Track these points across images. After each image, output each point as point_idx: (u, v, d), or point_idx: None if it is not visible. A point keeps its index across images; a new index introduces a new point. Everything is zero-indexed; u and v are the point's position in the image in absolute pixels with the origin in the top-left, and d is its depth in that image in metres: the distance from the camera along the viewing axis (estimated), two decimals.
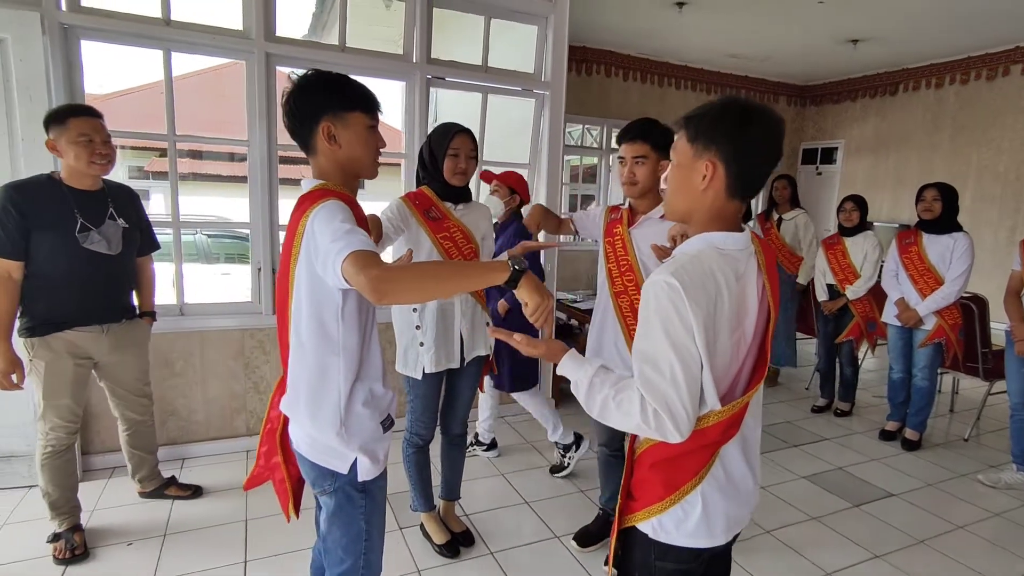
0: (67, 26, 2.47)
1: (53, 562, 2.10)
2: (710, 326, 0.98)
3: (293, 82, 1.24)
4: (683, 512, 1.06)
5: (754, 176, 1.04)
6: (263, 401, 3.04)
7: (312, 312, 1.21)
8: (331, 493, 1.28)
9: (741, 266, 1.05)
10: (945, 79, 6.66)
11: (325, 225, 1.12)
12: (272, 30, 2.84)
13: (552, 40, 3.41)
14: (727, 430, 1.05)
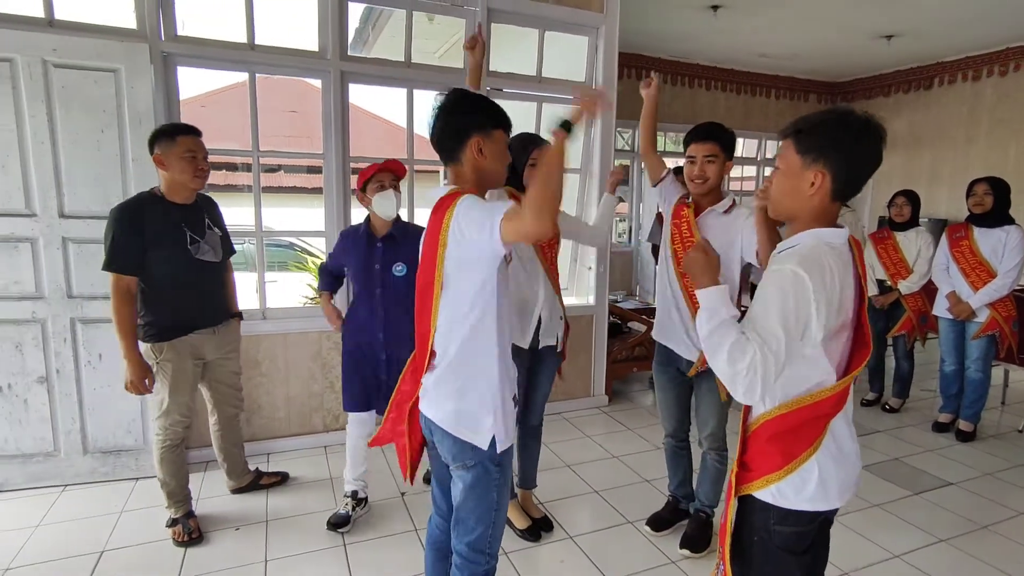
0: (167, 54, 2.69)
1: (173, 544, 2.31)
2: (831, 312, 1.12)
3: (444, 98, 1.42)
4: (801, 479, 1.19)
5: (859, 183, 1.18)
6: (337, 400, 3.23)
7: (465, 295, 1.35)
8: (471, 468, 1.42)
9: (845, 257, 1.19)
10: (983, 72, 6.64)
11: (473, 208, 1.29)
12: (346, 50, 3.03)
13: (603, 49, 3.56)
14: (838, 403, 1.20)
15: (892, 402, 3.89)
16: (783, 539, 1.23)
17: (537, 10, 3.34)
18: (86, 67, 2.48)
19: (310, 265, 5.77)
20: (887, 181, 7.86)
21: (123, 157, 2.58)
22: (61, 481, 2.69)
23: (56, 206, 2.52)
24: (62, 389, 2.64)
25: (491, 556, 1.49)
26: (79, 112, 2.50)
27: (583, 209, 3.84)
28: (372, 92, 4.26)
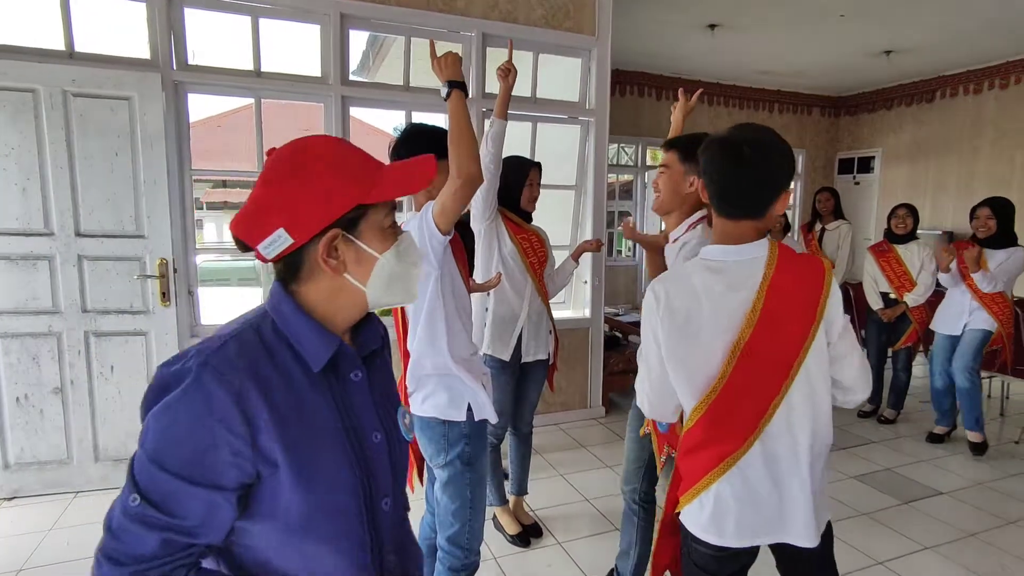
0: (178, 82, 2.85)
1: None
2: (675, 333, 1.15)
3: (403, 133, 1.59)
4: (698, 505, 1.19)
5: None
6: None
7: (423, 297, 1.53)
8: (445, 466, 1.55)
9: (733, 278, 1.14)
10: (984, 84, 6.67)
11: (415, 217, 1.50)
12: (347, 75, 3.18)
13: (596, 70, 3.68)
14: (723, 437, 1.13)
15: (887, 413, 3.90)
16: (699, 556, 1.23)
17: (531, 35, 3.48)
18: (102, 95, 2.65)
19: None
20: (891, 193, 7.87)
21: (135, 178, 2.73)
22: (74, 488, 2.81)
23: (72, 225, 2.68)
24: (76, 399, 2.77)
25: (469, 551, 1.58)
26: (95, 137, 2.66)
27: (578, 225, 3.94)
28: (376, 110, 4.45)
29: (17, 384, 2.69)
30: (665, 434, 1.82)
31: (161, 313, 2.83)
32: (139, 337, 2.83)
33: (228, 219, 10.03)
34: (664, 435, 1.82)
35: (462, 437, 1.57)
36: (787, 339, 1.12)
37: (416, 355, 1.57)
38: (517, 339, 2.35)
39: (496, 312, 2.32)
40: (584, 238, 3.86)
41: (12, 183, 2.59)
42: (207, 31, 3.76)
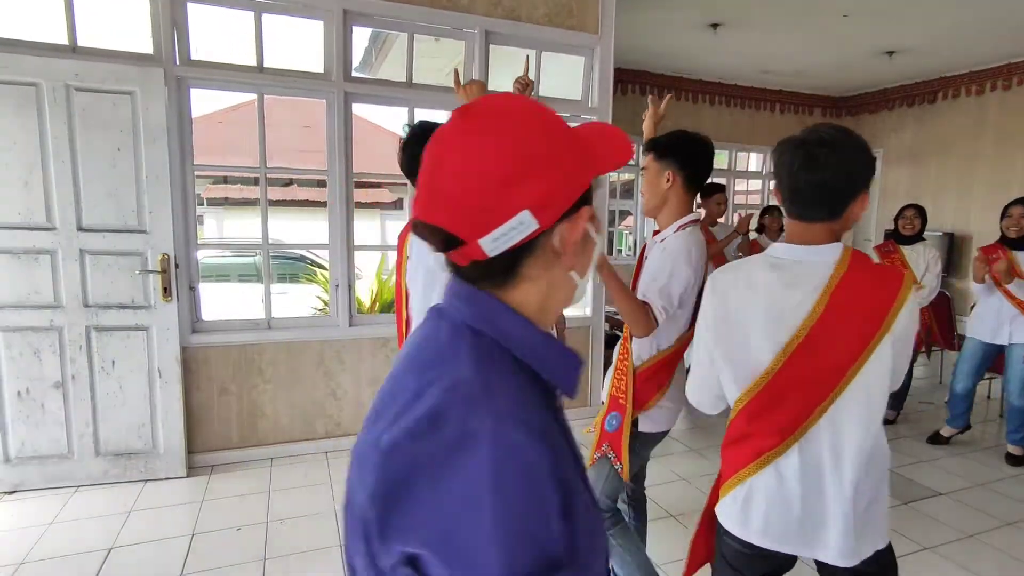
0: (180, 77, 2.85)
1: None
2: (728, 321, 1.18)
3: (414, 129, 1.53)
4: (733, 498, 1.20)
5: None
6: (340, 406, 3.34)
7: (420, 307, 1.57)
8: None
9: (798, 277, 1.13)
10: (986, 86, 6.66)
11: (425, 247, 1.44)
12: (350, 71, 3.18)
13: (598, 68, 3.68)
14: (763, 433, 1.14)
15: (888, 414, 3.90)
16: (728, 550, 1.25)
17: (534, 32, 3.47)
18: (105, 90, 2.65)
19: (319, 278, 5.91)
20: (892, 194, 7.87)
21: (137, 173, 2.73)
22: (74, 482, 2.82)
23: (74, 220, 2.67)
24: (77, 394, 2.77)
25: None
26: (97, 132, 2.66)
27: None
28: (381, 108, 4.46)
29: (18, 378, 2.70)
30: (610, 433, 1.74)
31: (163, 308, 2.83)
32: (140, 332, 2.83)
33: (230, 215, 9.93)
34: (608, 434, 1.75)
35: None
36: (846, 346, 1.09)
37: None
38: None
39: None
40: None
41: (14, 177, 2.59)
42: (210, 26, 3.75)
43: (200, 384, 3.05)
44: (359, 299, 4.94)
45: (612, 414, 1.74)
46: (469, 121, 0.55)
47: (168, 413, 2.90)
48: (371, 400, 2.83)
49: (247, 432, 3.18)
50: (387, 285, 5.63)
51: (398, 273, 1.62)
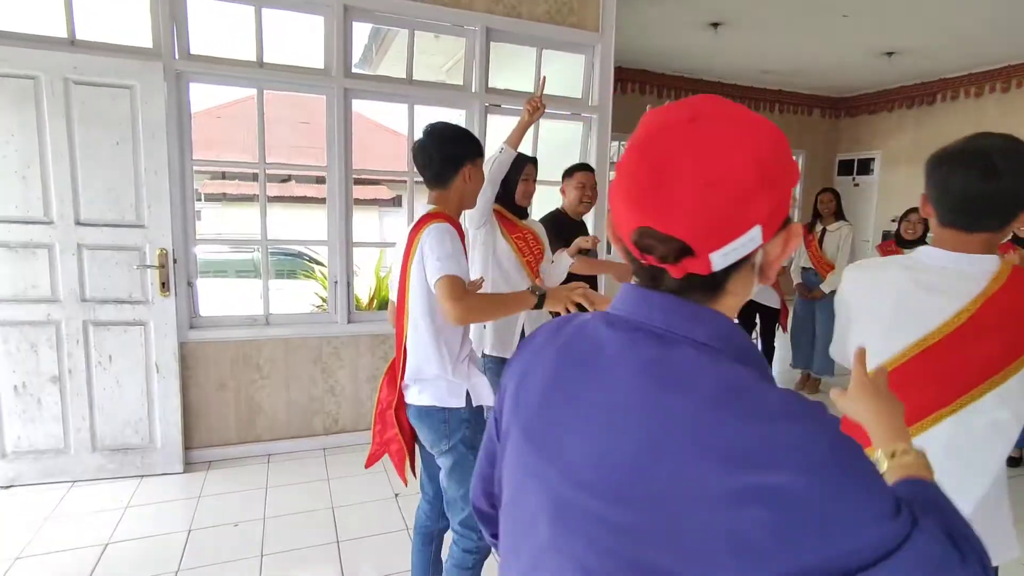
0: (180, 72, 2.84)
1: None
2: (855, 313, 1.22)
3: (436, 130, 1.62)
4: None
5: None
6: (338, 403, 3.33)
7: (422, 302, 1.58)
8: (448, 452, 1.61)
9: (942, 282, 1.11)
10: (985, 88, 6.68)
11: (436, 244, 1.51)
12: (350, 67, 3.17)
13: (599, 67, 3.67)
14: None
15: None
16: None
17: (534, 30, 3.47)
18: (104, 84, 2.63)
19: (317, 274, 5.91)
20: (890, 196, 7.89)
21: (136, 168, 2.72)
22: (71, 477, 2.81)
23: (72, 214, 2.66)
24: (73, 389, 2.76)
25: (478, 532, 1.63)
26: (95, 126, 2.65)
27: None
28: (382, 105, 4.48)
29: (15, 372, 2.69)
30: None
31: (160, 304, 2.83)
32: (138, 327, 2.82)
33: (228, 211, 9.88)
34: None
35: (462, 422, 1.61)
36: (984, 359, 1.04)
37: (420, 357, 1.61)
38: (519, 337, 2.35)
39: None
40: None
41: (12, 171, 2.58)
42: (210, 20, 3.73)
43: (198, 380, 3.05)
44: (357, 296, 4.93)
45: None
46: (704, 129, 0.53)
47: (165, 408, 2.89)
48: (370, 396, 2.83)
49: (245, 428, 3.17)
50: (385, 282, 5.63)
51: (404, 268, 1.61)
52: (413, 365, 1.63)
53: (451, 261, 1.49)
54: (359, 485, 2.90)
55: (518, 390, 0.65)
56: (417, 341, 1.61)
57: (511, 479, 0.64)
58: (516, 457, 0.63)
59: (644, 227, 0.54)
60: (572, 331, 0.63)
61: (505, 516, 0.66)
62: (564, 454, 0.56)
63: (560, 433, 0.58)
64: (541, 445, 0.59)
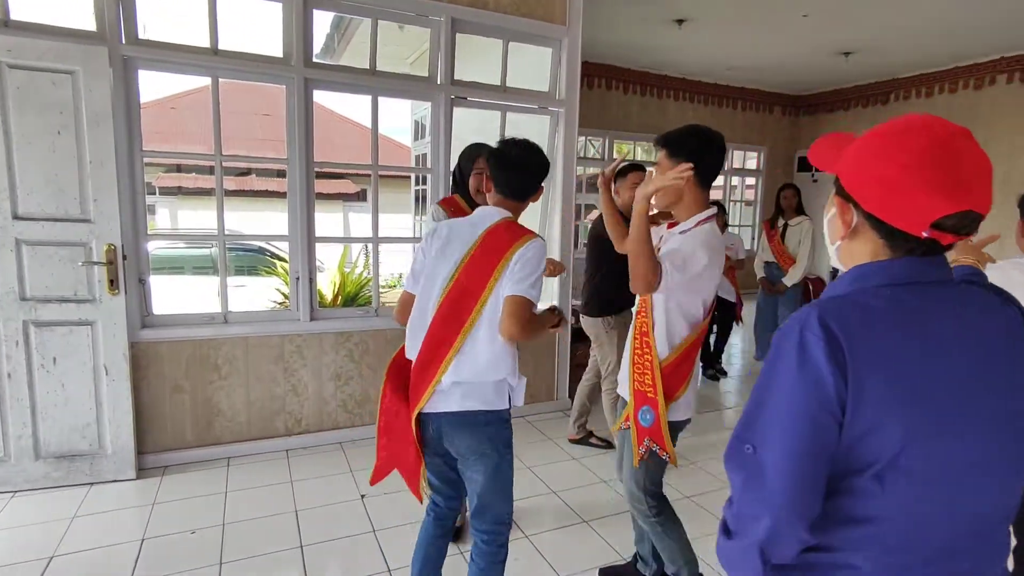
0: (127, 57, 2.69)
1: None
2: None
3: (530, 144, 1.67)
4: None
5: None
6: (301, 403, 3.23)
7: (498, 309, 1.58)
8: (490, 454, 1.61)
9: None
10: (935, 88, 6.94)
11: (535, 263, 1.57)
12: (310, 56, 3.06)
13: (566, 61, 3.65)
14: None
15: None
16: None
17: (501, 21, 3.42)
18: (43, 68, 2.47)
19: (279, 270, 5.74)
20: None
21: (80, 159, 2.56)
22: (11, 487, 2.65)
23: (9, 208, 2.50)
24: (13, 393, 2.60)
25: (510, 524, 1.72)
26: (34, 113, 2.48)
27: (545, 216, 3.91)
28: (346, 97, 4.29)
29: None
30: (648, 428, 1.80)
31: (109, 302, 2.68)
32: (84, 327, 2.67)
33: (184, 205, 9.55)
34: (646, 428, 1.81)
35: (504, 423, 1.63)
36: None
37: (485, 361, 1.57)
38: None
39: None
40: (553, 229, 3.86)
41: None
42: (161, 4, 3.56)
43: (151, 381, 2.91)
44: (321, 292, 4.81)
45: (644, 408, 1.81)
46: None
47: (116, 412, 2.75)
48: (334, 395, 2.77)
49: (202, 431, 3.05)
50: (350, 278, 5.51)
51: (479, 270, 1.58)
52: (476, 365, 1.57)
53: (536, 285, 1.56)
54: (324, 487, 2.82)
55: (900, 376, 0.71)
56: (488, 343, 1.56)
57: (925, 447, 0.71)
58: (937, 423, 0.71)
59: (967, 211, 0.72)
60: (919, 310, 0.76)
61: (918, 482, 0.72)
62: (1006, 380, 0.75)
63: (992, 365, 0.75)
64: (989, 387, 0.74)
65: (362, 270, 5.72)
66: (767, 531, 0.74)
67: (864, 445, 0.71)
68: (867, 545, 0.74)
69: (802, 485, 0.73)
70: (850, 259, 0.84)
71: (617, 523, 2.55)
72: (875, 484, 0.72)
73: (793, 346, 0.73)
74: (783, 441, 0.73)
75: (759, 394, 0.77)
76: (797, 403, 0.73)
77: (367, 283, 5.38)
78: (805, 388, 0.72)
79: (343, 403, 3.33)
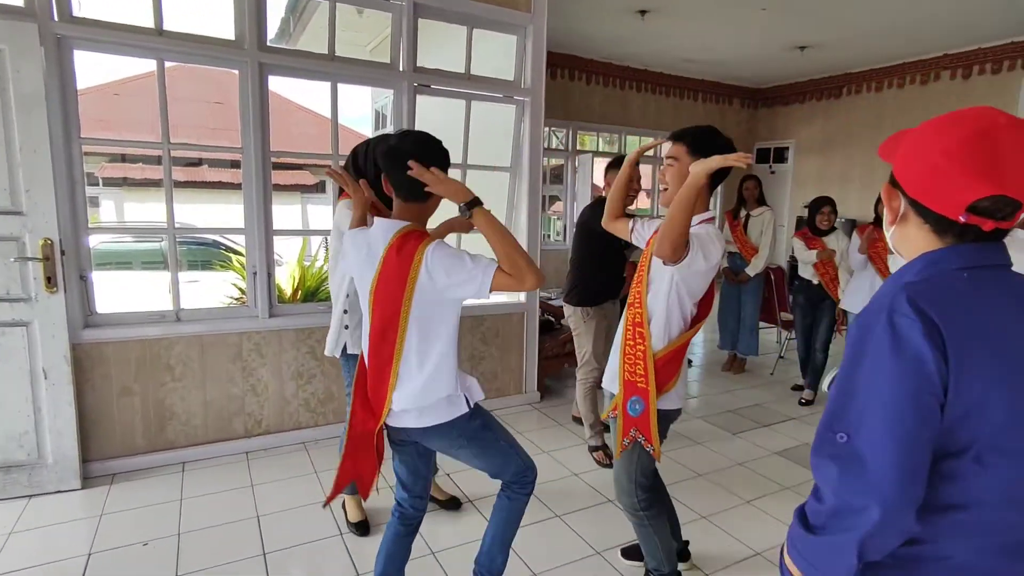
0: (61, 36, 2.49)
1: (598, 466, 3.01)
2: None
3: (421, 137, 1.51)
4: None
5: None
6: (260, 403, 3.10)
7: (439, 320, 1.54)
8: (466, 443, 1.65)
9: None
10: (884, 83, 7.17)
11: (454, 259, 1.46)
12: (264, 40, 2.91)
13: (531, 49, 3.58)
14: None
15: (806, 395, 4.08)
16: None
17: (464, 7, 3.32)
18: None
19: (235, 264, 5.50)
20: (803, 183, 8.36)
21: (9, 146, 2.36)
22: None
23: None
24: None
25: (528, 467, 1.74)
26: None
27: (512, 208, 3.86)
28: (303, 85, 4.10)
29: None
30: (636, 418, 1.79)
31: (46, 301, 2.49)
32: (19, 328, 2.47)
33: (130, 197, 9.08)
34: (634, 419, 1.80)
35: (469, 420, 1.64)
36: None
37: (427, 381, 1.55)
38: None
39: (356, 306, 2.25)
40: (520, 220, 3.80)
41: None
42: None
43: (95, 384, 2.73)
44: (279, 287, 4.63)
45: (634, 399, 1.79)
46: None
47: (56, 418, 2.57)
48: (295, 394, 2.70)
49: (154, 435, 2.88)
50: (310, 272, 5.33)
51: (391, 291, 1.52)
52: (413, 391, 1.55)
53: (480, 260, 1.47)
54: (286, 490, 2.71)
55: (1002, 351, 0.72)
56: (426, 364, 1.54)
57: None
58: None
59: (1001, 195, 0.73)
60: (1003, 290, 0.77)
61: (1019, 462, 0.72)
62: None
63: None
64: None
65: (322, 263, 5.54)
66: (874, 522, 0.71)
67: (965, 425, 0.71)
68: (963, 532, 0.74)
69: (911, 470, 0.71)
70: (903, 245, 0.86)
71: (591, 514, 2.54)
72: (975, 465, 0.72)
73: (883, 332, 0.73)
74: (886, 426, 0.72)
75: (845, 385, 0.77)
76: (897, 387, 0.72)
77: (327, 277, 5.21)
78: (904, 371, 0.71)
79: (305, 402, 3.21)
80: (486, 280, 1.45)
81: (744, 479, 2.92)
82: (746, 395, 4.19)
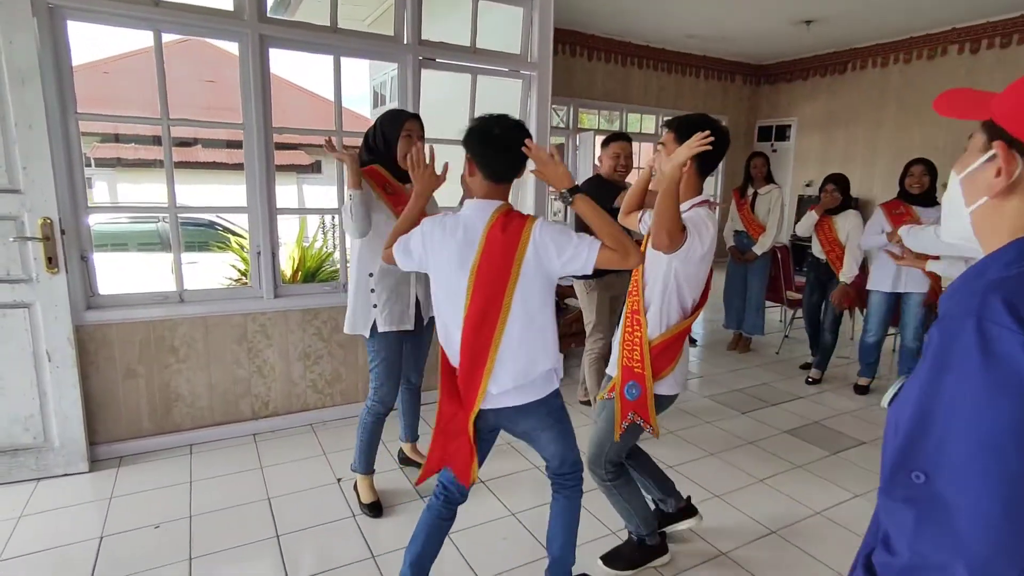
0: (53, 6, 2.39)
1: None
2: None
3: (515, 121, 1.55)
4: None
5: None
6: (267, 385, 3.06)
7: (540, 296, 1.56)
8: (553, 423, 1.69)
9: None
10: (890, 58, 7.07)
11: (562, 236, 1.51)
12: (264, 11, 2.80)
13: (538, 21, 3.49)
14: None
15: (813, 374, 4.06)
16: None
17: None
18: None
19: (233, 245, 5.42)
20: (805, 161, 8.29)
21: (4, 122, 2.27)
22: None
23: None
24: None
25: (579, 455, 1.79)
26: None
27: (516, 185, 3.79)
28: (295, 65, 4.01)
29: None
30: (633, 402, 1.81)
31: (48, 282, 2.43)
32: (21, 310, 2.42)
33: (123, 178, 8.93)
34: (631, 402, 1.82)
35: (556, 396, 1.68)
36: None
37: (530, 357, 1.58)
38: (415, 303, 2.34)
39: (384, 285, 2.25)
40: (527, 199, 3.74)
41: None
42: None
43: (100, 367, 2.68)
44: (281, 269, 4.57)
45: (631, 383, 1.85)
46: None
47: (62, 401, 2.52)
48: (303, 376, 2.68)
49: (161, 418, 2.85)
50: (310, 252, 5.26)
51: (496, 272, 1.55)
52: (517, 369, 1.57)
53: (584, 237, 1.51)
54: (297, 472, 2.69)
55: None
56: (529, 340, 1.56)
57: None
58: None
59: None
60: None
61: None
62: None
63: None
64: None
65: (322, 244, 5.46)
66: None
67: None
68: None
69: (1012, 520, 0.57)
70: (995, 222, 0.69)
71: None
72: None
73: (971, 344, 0.59)
74: (978, 464, 0.58)
75: (921, 410, 0.62)
76: (993, 415, 0.57)
77: (327, 257, 5.15)
78: (1002, 394, 0.57)
79: (313, 383, 3.18)
80: (591, 256, 1.48)
81: (755, 457, 2.91)
82: (752, 374, 4.18)
